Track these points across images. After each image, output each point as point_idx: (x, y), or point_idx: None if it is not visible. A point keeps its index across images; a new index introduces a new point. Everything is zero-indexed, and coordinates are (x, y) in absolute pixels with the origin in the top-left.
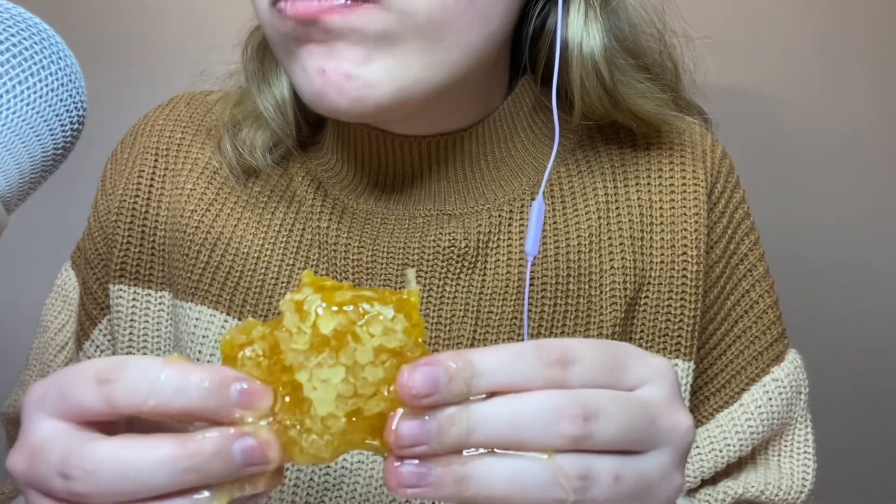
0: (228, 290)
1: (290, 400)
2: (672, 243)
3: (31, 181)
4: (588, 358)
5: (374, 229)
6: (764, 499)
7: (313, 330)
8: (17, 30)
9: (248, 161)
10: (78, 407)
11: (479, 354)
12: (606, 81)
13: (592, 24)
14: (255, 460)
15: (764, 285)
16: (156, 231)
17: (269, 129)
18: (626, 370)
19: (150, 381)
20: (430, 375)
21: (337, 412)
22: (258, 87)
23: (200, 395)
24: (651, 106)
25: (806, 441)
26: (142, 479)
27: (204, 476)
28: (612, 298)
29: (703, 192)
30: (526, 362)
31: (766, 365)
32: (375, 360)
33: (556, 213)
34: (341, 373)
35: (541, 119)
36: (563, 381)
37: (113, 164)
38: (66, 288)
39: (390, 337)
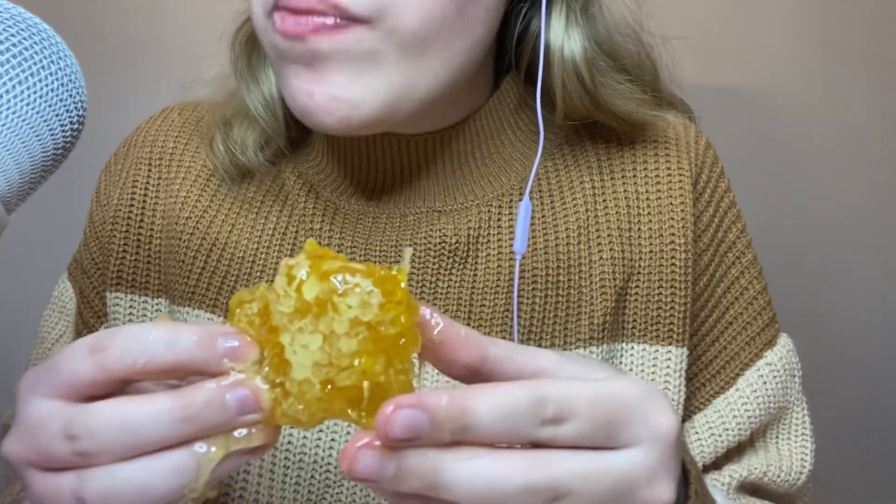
0: (225, 294)
1: (276, 360)
2: (660, 233)
3: (31, 181)
4: (584, 416)
5: (366, 229)
6: (767, 480)
7: (298, 295)
8: (17, 30)
9: (241, 160)
10: (72, 379)
11: (475, 402)
12: (587, 83)
13: (573, 29)
14: (248, 408)
15: (753, 272)
16: (151, 239)
17: (259, 127)
18: (623, 428)
19: (140, 342)
20: (413, 422)
21: (312, 379)
22: (246, 85)
23: (189, 348)
24: (631, 106)
25: (803, 423)
26: (142, 430)
27: (200, 425)
28: (602, 289)
29: (688, 182)
30: (521, 419)
31: (760, 349)
32: (350, 331)
33: (545, 207)
34: (318, 340)
35: (526, 116)
36: (552, 440)
37: (107, 176)
38: (63, 299)
39: (366, 310)
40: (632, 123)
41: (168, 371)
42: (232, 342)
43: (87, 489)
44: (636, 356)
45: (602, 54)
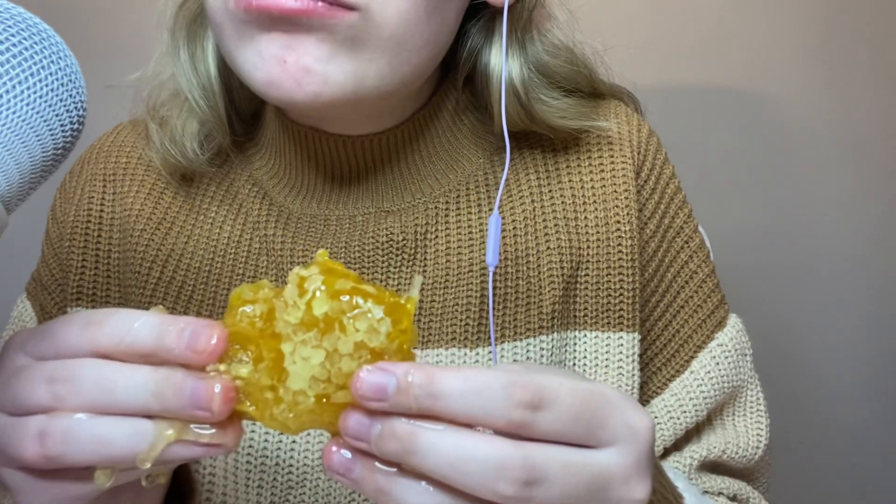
0: (182, 304)
1: (272, 365)
2: (605, 221)
3: (31, 181)
4: (564, 405)
5: (318, 232)
6: (726, 458)
7: (307, 308)
8: (17, 30)
9: (180, 161)
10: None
11: (445, 375)
12: (522, 98)
13: (512, 52)
14: (199, 404)
15: (701, 255)
16: (109, 253)
17: (198, 119)
18: (601, 426)
19: (129, 324)
20: (380, 382)
21: (308, 391)
22: (186, 76)
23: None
24: (567, 119)
25: (757, 400)
26: (118, 391)
27: (163, 404)
28: (551, 278)
29: (630, 171)
30: (493, 398)
31: (711, 331)
32: (354, 353)
33: (492, 202)
34: (321, 356)
35: (467, 118)
36: (528, 426)
37: (62, 194)
38: (22, 319)
39: (373, 336)
40: (567, 133)
41: (147, 354)
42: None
43: (53, 426)
44: (588, 343)
45: (537, 73)
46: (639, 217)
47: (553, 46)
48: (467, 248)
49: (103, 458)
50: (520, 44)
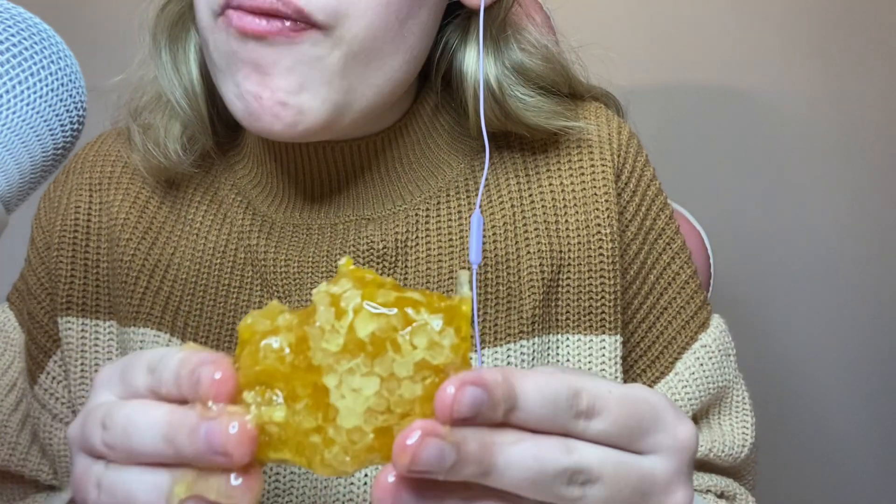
0: (170, 313)
1: (313, 403)
2: (586, 224)
3: (31, 181)
4: (614, 414)
5: (300, 241)
6: (712, 457)
7: (349, 331)
8: (17, 30)
9: (162, 162)
10: (132, 391)
11: (524, 384)
12: (497, 94)
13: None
14: (216, 449)
15: (683, 257)
16: (98, 263)
17: (180, 121)
18: (647, 434)
19: (167, 368)
20: (477, 399)
21: (365, 427)
22: (168, 78)
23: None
24: (542, 118)
25: (742, 400)
26: (136, 436)
27: (176, 450)
28: (531, 282)
29: (610, 173)
30: (560, 407)
31: (694, 332)
32: (415, 375)
33: (472, 206)
34: (375, 384)
35: (445, 122)
36: (582, 434)
37: (47, 203)
38: (6, 329)
39: (436, 352)
40: (544, 132)
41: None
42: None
43: (104, 477)
44: (571, 347)
45: (513, 72)
46: (619, 220)
47: (529, 45)
48: (447, 254)
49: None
50: (495, 43)
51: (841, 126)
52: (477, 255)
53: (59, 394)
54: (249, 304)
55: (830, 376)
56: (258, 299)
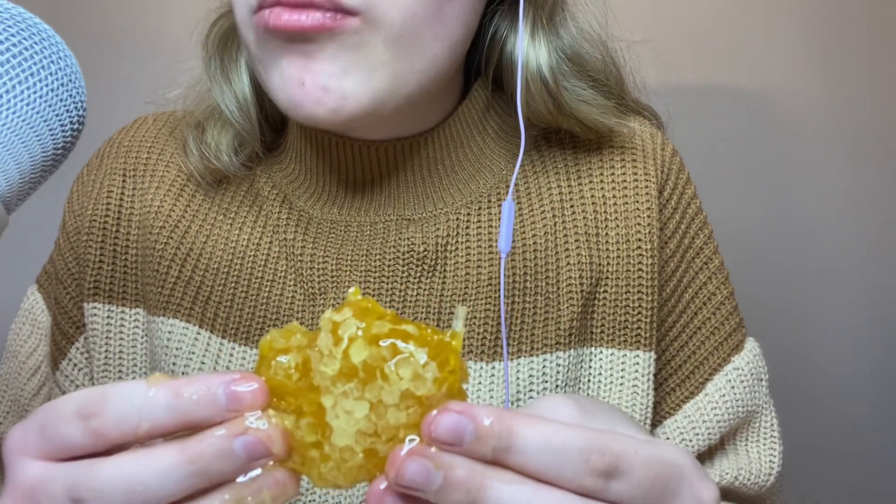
0: (200, 304)
1: (314, 419)
2: (626, 238)
3: (31, 181)
4: (637, 477)
5: (338, 238)
6: (738, 484)
7: (344, 357)
8: (17, 30)
9: (215, 165)
10: (65, 446)
11: (524, 428)
12: (551, 86)
13: (539, 37)
14: (257, 454)
15: (720, 277)
16: (127, 249)
17: (233, 130)
18: (671, 497)
19: (138, 406)
20: (458, 427)
21: (356, 447)
22: (219, 86)
23: (191, 407)
24: (595, 112)
25: (771, 426)
26: (151, 490)
27: (210, 478)
28: (569, 294)
29: (654, 189)
30: (570, 461)
31: (727, 354)
32: (400, 403)
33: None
34: (365, 408)
35: (494, 121)
36: (599, 494)
37: (80, 187)
38: (34, 312)
39: (419, 383)
40: (595, 131)
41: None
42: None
43: None
44: (604, 360)
45: (566, 60)
46: (660, 235)
47: (585, 33)
48: (487, 260)
49: None
50: (548, 28)
51: (843, 126)
52: (507, 243)
53: (79, 381)
54: (282, 299)
55: (831, 377)
56: (291, 294)
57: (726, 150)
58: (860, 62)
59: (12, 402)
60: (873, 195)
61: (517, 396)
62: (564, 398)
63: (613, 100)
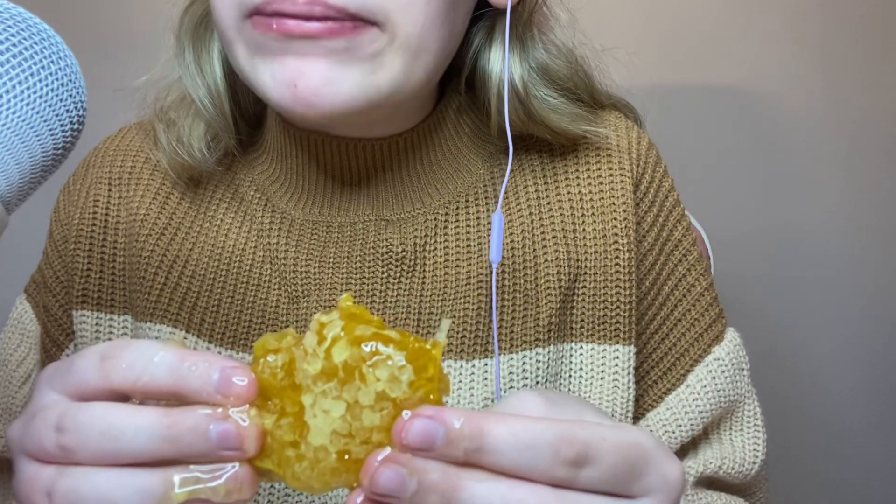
0: (187, 310)
1: (295, 420)
2: (603, 233)
3: (31, 181)
4: (606, 463)
5: (320, 240)
6: (722, 473)
7: (326, 356)
8: (17, 30)
9: (187, 161)
10: (80, 381)
11: (494, 427)
12: (521, 94)
13: (512, 50)
14: (228, 444)
15: (699, 269)
16: (115, 257)
17: (205, 121)
18: (639, 478)
19: (146, 361)
20: (428, 431)
21: (329, 447)
22: (192, 78)
23: (186, 375)
24: (564, 121)
25: (755, 415)
26: (123, 439)
27: (179, 448)
28: (548, 290)
29: (629, 183)
30: (540, 455)
31: (707, 345)
32: (375, 405)
33: (490, 212)
34: (341, 408)
35: (468, 123)
36: (571, 482)
37: (66, 196)
38: (23, 321)
39: (394, 385)
40: (566, 137)
41: (166, 394)
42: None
43: (57, 486)
44: (585, 355)
45: (536, 71)
46: (637, 230)
47: (553, 46)
48: (465, 259)
49: None
50: (520, 42)
51: (843, 126)
52: (497, 253)
53: None
54: (267, 303)
55: (833, 378)
56: (276, 298)
57: (722, 150)
58: (857, 61)
59: (3, 410)
60: (868, 195)
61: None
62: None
63: (585, 105)
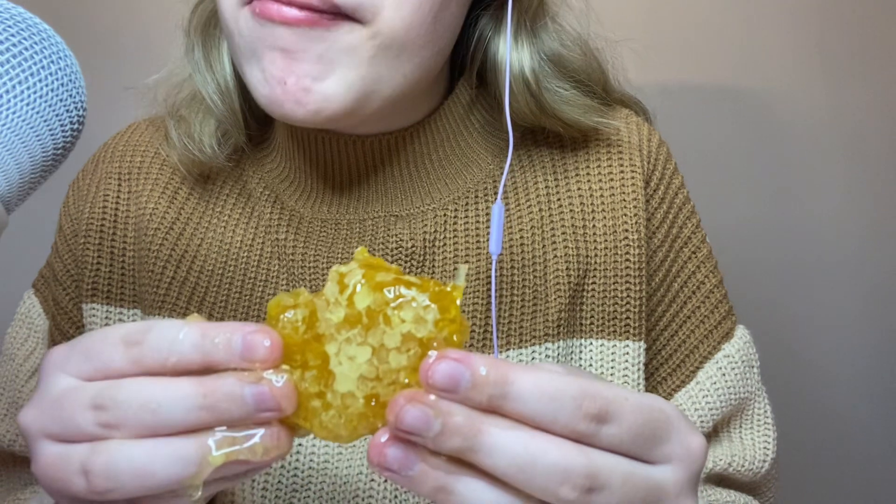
0: (195, 304)
1: (318, 371)
2: (613, 230)
3: (31, 181)
4: (627, 421)
5: (329, 237)
6: (732, 470)
7: (349, 304)
8: (17, 30)
9: (198, 157)
10: (106, 367)
11: (519, 375)
12: (532, 87)
13: (523, 40)
14: (265, 405)
15: (709, 265)
16: (124, 251)
17: (215, 118)
18: (660, 443)
19: (171, 340)
20: (455, 373)
21: (357, 392)
22: (202, 74)
23: (212, 349)
24: (577, 112)
25: (765, 413)
26: (162, 411)
27: (217, 415)
28: (557, 286)
29: (640, 180)
30: (564, 407)
31: (717, 342)
32: (402, 346)
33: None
34: (367, 353)
35: (478, 118)
36: (591, 437)
37: (75, 191)
38: (30, 316)
39: (420, 326)
40: (578, 130)
41: (197, 370)
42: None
43: (95, 461)
44: (594, 351)
45: (548, 62)
46: (647, 226)
47: (566, 35)
48: (475, 255)
49: (149, 490)
50: (531, 32)
51: (844, 126)
52: (497, 245)
53: None
54: None
55: (835, 378)
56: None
57: (724, 149)
58: (857, 60)
59: (10, 404)
60: (869, 193)
61: None
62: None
63: (597, 99)
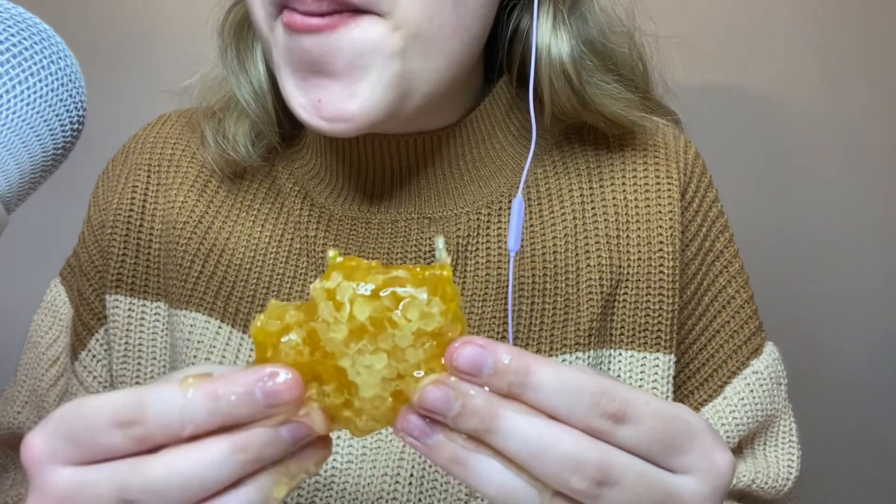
0: (222, 299)
1: (338, 383)
2: (648, 241)
3: (31, 181)
4: (646, 425)
5: (359, 235)
6: (755, 487)
7: (350, 319)
8: (17, 30)
9: (232, 157)
10: (104, 451)
11: (541, 367)
12: (574, 82)
13: (561, 29)
14: (302, 436)
15: (740, 281)
16: (151, 244)
17: (250, 120)
18: (681, 452)
19: (178, 410)
20: (478, 358)
21: (383, 393)
22: (235, 76)
23: (230, 409)
24: (619, 107)
25: (790, 431)
26: (205, 481)
27: (261, 462)
28: (589, 295)
29: (676, 192)
30: (582, 402)
31: (746, 358)
32: (416, 342)
33: (533, 214)
34: (383, 359)
35: (517, 119)
36: (608, 436)
37: (105, 182)
38: (55, 304)
39: (428, 320)
40: (620, 125)
41: (218, 430)
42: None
43: None
44: (624, 362)
45: (590, 54)
46: (682, 238)
47: (610, 24)
48: (507, 261)
49: None
50: (569, 19)
51: (845, 125)
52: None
53: (97, 372)
54: (303, 296)
55: (837, 378)
56: None
57: (724, 150)
58: (861, 62)
59: (31, 391)
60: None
61: None
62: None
63: (639, 94)
